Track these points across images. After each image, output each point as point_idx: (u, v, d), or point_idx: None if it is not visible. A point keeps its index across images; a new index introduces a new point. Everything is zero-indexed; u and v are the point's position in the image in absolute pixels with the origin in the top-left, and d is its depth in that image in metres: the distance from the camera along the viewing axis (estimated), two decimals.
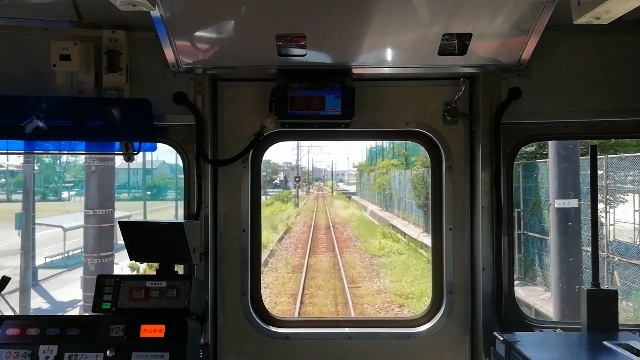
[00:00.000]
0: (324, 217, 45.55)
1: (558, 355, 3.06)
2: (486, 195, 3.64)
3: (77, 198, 50.66)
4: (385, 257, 23.47)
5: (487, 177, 3.65)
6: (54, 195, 52.94)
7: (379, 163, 53.33)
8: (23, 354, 3.02)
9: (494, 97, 3.63)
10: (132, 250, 3.48)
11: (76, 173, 57.85)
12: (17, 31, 3.53)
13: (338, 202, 68.36)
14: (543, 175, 15.59)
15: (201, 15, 3.17)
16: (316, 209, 53.87)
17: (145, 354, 3.00)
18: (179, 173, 40.22)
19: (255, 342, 3.81)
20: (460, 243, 3.81)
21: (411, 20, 3.18)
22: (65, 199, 52.31)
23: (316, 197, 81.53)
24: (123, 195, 56.96)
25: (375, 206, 48.82)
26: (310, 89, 3.56)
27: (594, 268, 3.43)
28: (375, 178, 50.17)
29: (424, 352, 3.82)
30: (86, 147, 3.83)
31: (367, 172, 64.34)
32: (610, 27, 2.82)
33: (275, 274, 20.60)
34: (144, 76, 3.61)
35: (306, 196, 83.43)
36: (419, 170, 30.95)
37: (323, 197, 78.30)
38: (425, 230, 25.26)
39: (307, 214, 48.84)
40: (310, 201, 71.27)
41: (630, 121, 3.67)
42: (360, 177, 77.59)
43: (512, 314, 3.66)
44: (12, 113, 3.38)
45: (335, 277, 19.86)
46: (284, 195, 67.56)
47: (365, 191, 66.40)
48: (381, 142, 50.32)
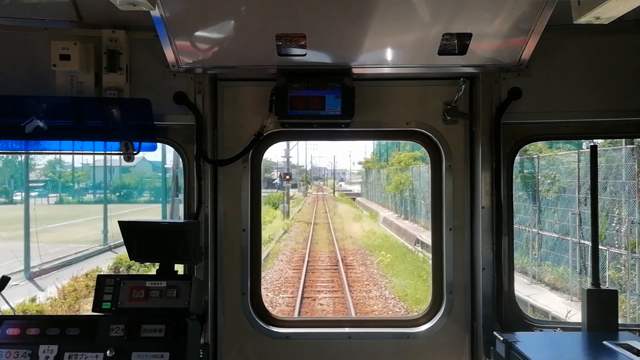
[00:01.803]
0: (326, 236, 29.84)
1: (558, 355, 3.06)
2: (486, 195, 3.64)
3: (41, 200, 46.38)
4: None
5: (487, 177, 3.65)
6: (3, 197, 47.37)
7: (394, 157, 41.88)
8: (23, 354, 3.02)
9: (494, 97, 3.63)
10: (132, 250, 3.47)
11: (45, 172, 54.01)
12: (17, 31, 3.53)
13: (343, 207, 53.85)
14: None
15: (201, 15, 3.17)
16: (314, 219, 39.03)
17: (145, 354, 3.01)
18: (160, 172, 33.13)
19: (255, 342, 3.81)
20: (460, 243, 3.81)
21: (411, 20, 3.18)
22: (18, 201, 42.77)
23: (315, 199, 68.51)
24: (88, 196, 52.37)
25: (388, 211, 39.25)
26: (310, 88, 3.56)
27: (594, 268, 3.43)
28: (390, 176, 40.06)
29: (424, 352, 3.82)
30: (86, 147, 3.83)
31: (377, 169, 54.38)
32: (610, 27, 2.82)
33: None
34: (144, 76, 3.61)
35: (303, 198, 71.72)
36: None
37: (323, 200, 66.18)
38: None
39: (299, 231, 32.38)
40: (307, 206, 57.32)
41: (630, 121, 3.67)
42: (366, 176, 66.72)
43: (512, 314, 3.66)
44: (12, 113, 3.38)
45: None
46: (275, 197, 50.47)
47: (373, 192, 55.86)
48: None
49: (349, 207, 53.39)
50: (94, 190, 51.04)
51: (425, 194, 25.71)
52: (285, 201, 43.49)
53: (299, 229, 33.90)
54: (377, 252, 22.49)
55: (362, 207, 51.65)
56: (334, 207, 53.39)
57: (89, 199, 51.38)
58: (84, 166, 53.07)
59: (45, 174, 54.23)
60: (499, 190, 3.61)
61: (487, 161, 3.64)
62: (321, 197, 71.57)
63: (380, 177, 49.66)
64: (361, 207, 51.63)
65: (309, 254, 22.47)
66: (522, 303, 11.46)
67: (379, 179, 49.70)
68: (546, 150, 17.71)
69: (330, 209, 50.92)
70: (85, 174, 55.11)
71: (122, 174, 52.97)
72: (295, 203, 59.10)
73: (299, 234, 31.25)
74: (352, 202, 59.66)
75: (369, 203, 53.16)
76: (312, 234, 30.03)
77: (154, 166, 49.25)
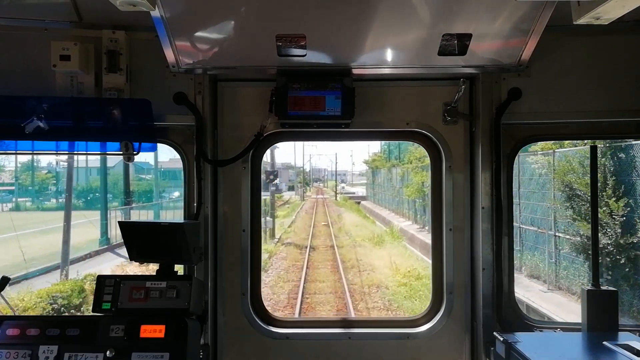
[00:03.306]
0: (332, 280, 17.71)
1: (558, 355, 3.06)
2: (486, 196, 3.64)
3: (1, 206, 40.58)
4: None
5: (487, 178, 3.65)
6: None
7: (412, 153, 31.59)
8: (23, 354, 3.02)
9: (494, 97, 3.63)
10: (132, 251, 3.47)
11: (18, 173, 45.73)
12: (17, 31, 3.53)
13: (350, 217, 40.86)
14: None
15: (201, 15, 3.18)
16: (311, 238, 27.49)
17: (145, 354, 3.00)
18: (142, 173, 33.08)
19: (255, 343, 3.81)
20: (460, 243, 3.81)
21: (411, 21, 3.18)
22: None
23: (314, 205, 56.64)
24: (52, 202, 44.77)
25: (405, 220, 30.85)
26: (311, 89, 3.56)
27: (594, 268, 3.43)
28: (410, 176, 30.97)
29: (423, 353, 3.82)
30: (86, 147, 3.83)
31: (387, 168, 44.75)
32: (610, 28, 2.83)
33: None
34: (144, 76, 3.61)
35: (300, 203, 60.45)
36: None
37: (324, 206, 54.67)
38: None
39: (286, 266, 20.26)
40: (303, 215, 44.43)
41: (630, 121, 3.67)
42: (372, 177, 57.80)
43: (512, 314, 3.66)
44: (12, 113, 3.38)
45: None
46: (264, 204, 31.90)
47: (382, 195, 46.85)
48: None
49: (358, 217, 40.73)
50: (57, 195, 44.35)
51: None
52: (270, 212, 29.72)
53: (287, 261, 21.46)
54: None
55: (370, 213, 43.55)
56: (338, 217, 41.16)
57: (51, 205, 44.42)
58: (49, 166, 46.45)
59: (14, 176, 46.07)
60: (499, 191, 3.61)
61: (487, 161, 3.64)
62: (321, 202, 60.60)
63: (391, 177, 41.12)
64: (370, 215, 42.20)
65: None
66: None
67: (390, 180, 41.53)
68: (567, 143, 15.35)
69: (334, 219, 39.17)
70: (53, 176, 46.46)
71: (98, 176, 44.44)
72: (289, 209, 49.91)
73: (283, 275, 18.62)
74: (360, 209, 48.77)
75: (378, 209, 43.64)
76: (307, 275, 18.24)
77: (137, 168, 42.48)
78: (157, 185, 39.41)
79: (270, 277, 18.29)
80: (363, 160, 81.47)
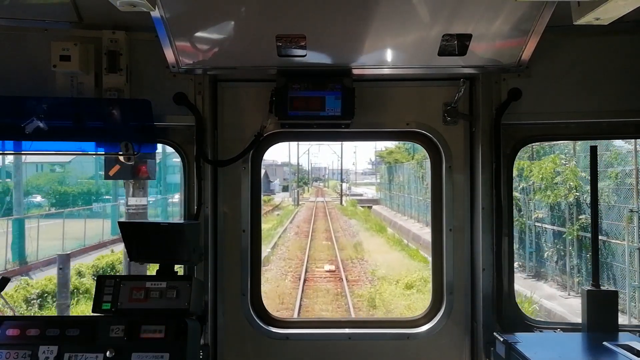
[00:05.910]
0: None
1: (558, 355, 3.06)
2: (486, 196, 3.64)
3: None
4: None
5: (487, 178, 3.65)
6: None
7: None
8: (23, 355, 3.02)
9: (494, 97, 3.63)
10: (132, 251, 3.47)
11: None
12: (17, 31, 3.53)
13: (372, 239, 26.87)
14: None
15: (201, 15, 3.18)
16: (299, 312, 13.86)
17: (145, 355, 3.00)
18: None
19: (255, 343, 3.81)
20: (460, 244, 3.81)
21: (411, 21, 3.18)
22: None
23: (312, 212, 42.59)
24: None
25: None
26: (311, 89, 3.56)
27: (594, 268, 3.43)
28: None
29: (424, 353, 3.81)
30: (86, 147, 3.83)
31: (413, 163, 34.47)
32: (610, 28, 2.82)
33: None
34: (144, 77, 3.61)
35: (294, 209, 46.50)
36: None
37: (326, 214, 41.29)
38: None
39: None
40: (292, 236, 29.36)
41: (630, 122, 3.67)
42: (388, 174, 45.29)
43: (512, 314, 3.66)
44: (12, 113, 3.38)
45: None
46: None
47: (404, 199, 34.87)
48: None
49: (384, 240, 26.57)
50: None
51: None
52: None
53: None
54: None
55: (388, 223, 32.25)
56: (353, 242, 25.83)
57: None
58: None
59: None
60: (499, 191, 3.61)
61: (487, 162, 3.64)
62: (322, 208, 46.74)
63: (419, 174, 30.37)
64: (384, 223, 32.13)
65: None
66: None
67: (417, 178, 30.94)
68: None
69: (343, 245, 24.97)
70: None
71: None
72: (277, 221, 35.64)
73: None
74: (382, 225, 33.43)
75: (398, 218, 31.96)
76: None
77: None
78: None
79: None
80: (376, 153, 69.62)
